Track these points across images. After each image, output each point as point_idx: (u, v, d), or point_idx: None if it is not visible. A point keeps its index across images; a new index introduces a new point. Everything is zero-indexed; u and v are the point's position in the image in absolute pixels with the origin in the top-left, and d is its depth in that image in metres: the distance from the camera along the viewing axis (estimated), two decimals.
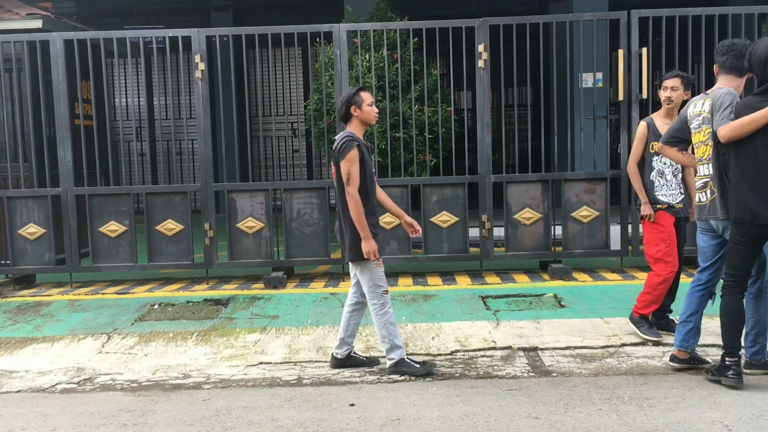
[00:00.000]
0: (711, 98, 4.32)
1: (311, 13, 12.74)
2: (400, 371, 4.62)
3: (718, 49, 4.44)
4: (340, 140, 4.56)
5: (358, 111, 4.59)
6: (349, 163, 4.47)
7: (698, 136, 4.41)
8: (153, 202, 7.11)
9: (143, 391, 4.58)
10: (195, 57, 6.96)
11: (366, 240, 4.51)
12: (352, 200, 4.49)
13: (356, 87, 4.71)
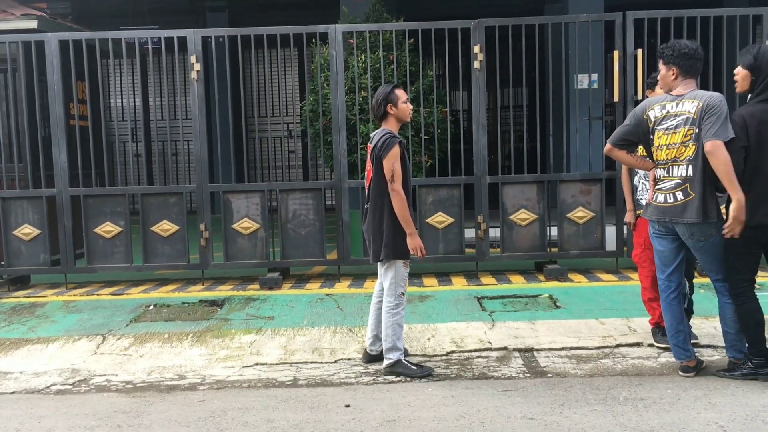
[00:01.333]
0: (700, 101, 4.25)
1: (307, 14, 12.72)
2: (396, 372, 4.62)
3: (684, 52, 4.34)
4: (381, 138, 4.57)
5: (395, 109, 4.64)
6: (392, 160, 4.50)
7: (673, 137, 4.30)
8: (148, 203, 7.10)
9: (138, 393, 4.57)
10: (190, 57, 6.95)
11: (412, 236, 4.57)
12: (398, 196, 4.52)
13: (391, 85, 4.74)
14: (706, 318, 5.53)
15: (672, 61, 4.37)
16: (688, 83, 4.37)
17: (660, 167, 4.43)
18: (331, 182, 7.16)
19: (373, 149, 4.61)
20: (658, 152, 4.41)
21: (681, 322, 4.48)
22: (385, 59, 7.43)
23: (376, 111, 4.69)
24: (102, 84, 7.27)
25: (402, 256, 4.62)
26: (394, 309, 4.62)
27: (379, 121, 4.72)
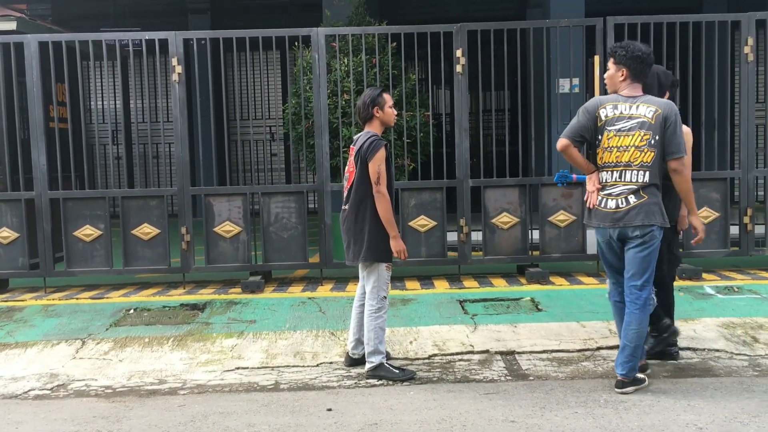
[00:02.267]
0: (659, 108, 4.22)
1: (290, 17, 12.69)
2: (378, 375, 4.62)
3: (638, 54, 4.29)
4: (367, 140, 4.58)
5: (381, 112, 4.67)
6: (379, 162, 4.53)
7: (626, 139, 4.25)
8: (129, 206, 7.04)
9: (118, 397, 4.53)
10: (172, 60, 6.91)
11: (395, 239, 4.60)
12: (383, 199, 4.54)
13: (379, 88, 4.77)
14: (685, 321, 5.58)
15: (624, 62, 4.32)
16: (636, 87, 4.34)
17: (607, 170, 4.31)
18: (314, 185, 7.15)
19: (358, 151, 4.61)
20: (606, 153, 4.30)
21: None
22: (367, 62, 7.44)
23: (362, 113, 4.70)
24: (82, 86, 7.20)
25: (385, 259, 4.63)
26: (377, 312, 4.63)
27: (364, 123, 4.74)
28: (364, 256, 4.60)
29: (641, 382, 4.33)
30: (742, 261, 7.41)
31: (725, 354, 4.96)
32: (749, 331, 5.36)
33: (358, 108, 4.74)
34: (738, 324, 5.49)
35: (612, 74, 4.39)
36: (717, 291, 6.34)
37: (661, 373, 4.64)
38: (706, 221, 7.01)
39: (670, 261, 4.99)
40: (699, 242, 4.35)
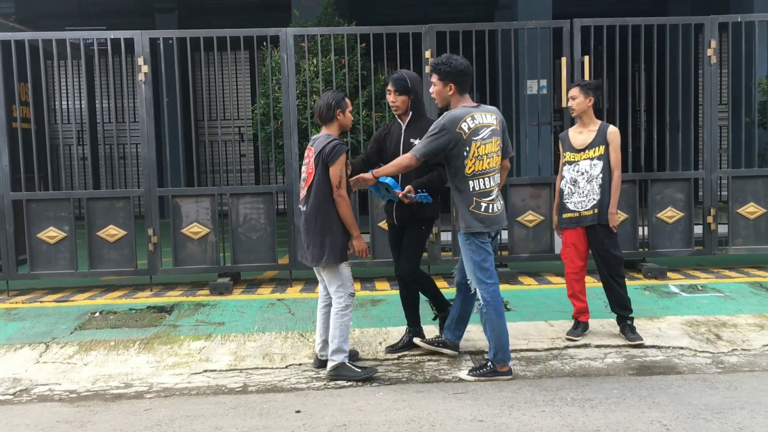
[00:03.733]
0: (496, 114, 4.58)
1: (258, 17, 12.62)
2: (340, 374, 4.61)
3: (462, 69, 4.50)
4: (329, 143, 4.57)
5: (342, 116, 4.69)
6: (341, 166, 4.55)
7: (489, 146, 4.48)
8: (94, 208, 6.94)
9: (83, 402, 4.45)
10: (138, 59, 6.83)
11: (358, 239, 4.67)
12: (344, 202, 4.58)
13: (342, 92, 4.79)
14: (650, 319, 5.67)
15: (450, 78, 4.51)
16: (466, 97, 4.58)
17: (482, 177, 4.50)
18: (283, 186, 7.11)
19: (319, 154, 4.59)
20: (478, 162, 4.46)
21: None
22: (336, 63, 7.42)
23: (324, 114, 4.69)
24: (46, 86, 7.08)
25: (343, 259, 4.66)
26: (345, 310, 4.64)
27: (323, 124, 4.72)
28: (327, 259, 4.60)
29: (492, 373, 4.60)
30: (705, 260, 7.54)
31: (689, 351, 5.04)
32: (712, 328, 5.45)
33: (320, 108, 4.72)
34: (702, 322, 5.58)
35: (440, 89, 4.57)
36: (681, 290, 6.44)
37: (626, 371, 4.70)
38: (670, 221, 7.13)
39: (609, 260, 5.11)
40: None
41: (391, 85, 4.87)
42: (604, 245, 5.17)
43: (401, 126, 4.94)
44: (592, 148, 5.18)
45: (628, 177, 7.10)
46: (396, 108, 4.89)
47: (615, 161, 5.19)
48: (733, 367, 4.73)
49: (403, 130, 4.91)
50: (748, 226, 7.20)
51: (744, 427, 3.73)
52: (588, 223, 5.19)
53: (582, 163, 5.20)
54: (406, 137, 4.88)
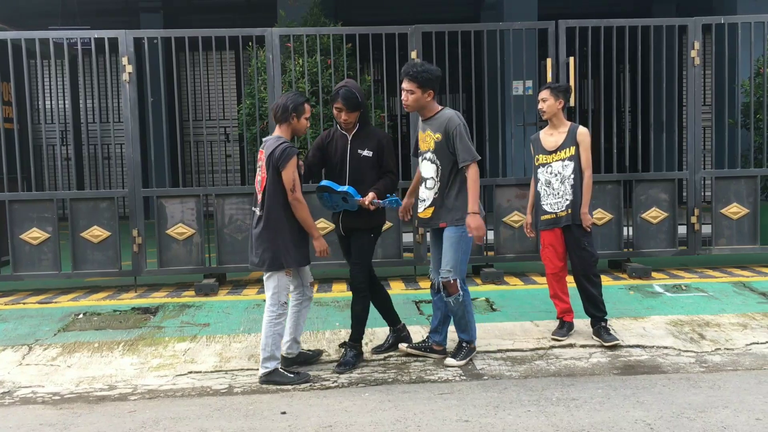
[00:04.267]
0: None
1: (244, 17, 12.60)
2: (273, 380, 4.59)
3: (439, 74, 4.73)
4: (279, 147, 4.53)
5: (296, 120, 4.64)
6: (292, 170, 4.52)
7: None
8: (78, 208, 6.88)
9: (66, 404, 4.41)
10: (122, 59, 6.78)
11: (318, 239, 4.66)
12: (299, 205, 4.56)
13: (304, 96, 4.73)
14: (635, 319, 5.70)
15: (430, 85, 4.68)
16: (434, 102, 4.80)
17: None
18: None
19: (269, 157, 4.55)
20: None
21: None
22: (322, 63, 7.41)
23: (279, 114, 4.63)
24: (29, 85, 7.02)
25: (290, 265, 4.61)
26: (277, 318, 4.61)
27: (277, 123, 4.67)
28: (269, 264, 4.58)
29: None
30: (689, 260, 7.60)
31: (673, 351, 5.08)
32: (696, 328, 5.49)
33: (277, 107, 4.66)
34: (686, 321, 5.62)
35: (419, 96, 4.71)
36: (666, 289, 6.48)
37: (611, 370, 4.72)
38: (655, 221, 7.18)
39: (585, 259, 5.15)
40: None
41: (342, 104, 4.72)
42: (581, 243, 5.20)
43: (347, 136, 4.87)
44: (563, 150, 5.22)
45: (613, 177, 7.15)
46: (347, 124, 4.80)
47: (585, 161, 5.22)
48: (717, 366, 4.77)
49: (350, 141, 4.86)
50: (732, 227, 7.26)
51: (727, 425, 3.75)
52: (563, 223, 5.22)
53: (554, 165, 5.24)
54: (353, 148, 4.84)
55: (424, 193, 4.85)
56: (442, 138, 4.70)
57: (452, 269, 4.71)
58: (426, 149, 4.81)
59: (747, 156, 8.06)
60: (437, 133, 4.73)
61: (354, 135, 4.86)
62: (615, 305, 6.04)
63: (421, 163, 4.89)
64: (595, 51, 7.05)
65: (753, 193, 7.25)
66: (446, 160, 4.72)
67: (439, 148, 4.73)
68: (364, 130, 4.87)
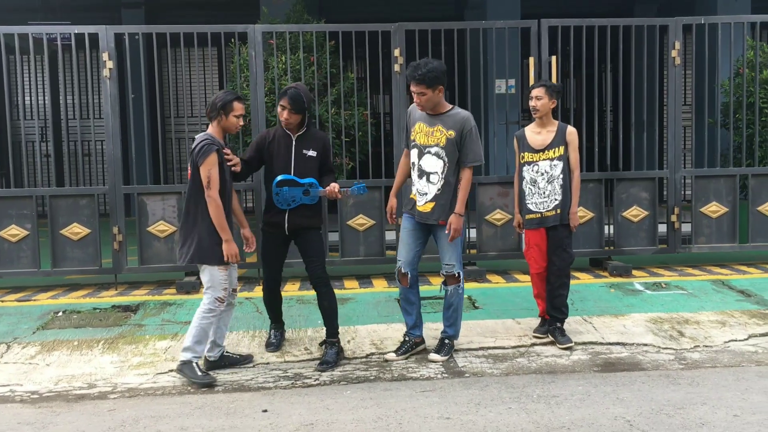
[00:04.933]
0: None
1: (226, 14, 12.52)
2: (183, 372, 4.59)
3: (444, 68, 4.74)
4: (199, 144, 4.52)
5: (224, 119, 4.62)
6: (209, 167, 4.48)
7: None
8: (57, 205, 6.81)
9: (44, 403, 4.37)
10: (103, 55, 6.72)
11: (228, 243, 4.56)
12: (213, 203, 4.50)
13: (235, 93, 4.72)
14: (615, 316, 5.74)
15: (439, 81, 4.72)
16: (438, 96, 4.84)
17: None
18: (251, 184, 7.05)
19: (191, 154, 4.57)
20: None
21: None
22: (305, 61, 7.39)
23: (209, 112, 4.67)
24: (8, 81, 6.93)
25: (217, 262, 4.58)
26: (207, 313, 4.59)
27: (209, 120, 4.68)
28: (191, 258, 4.57)
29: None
30: (669, 258, 7.67)
31: (653, 348, 5.12)
32: (676, 325, 5.54)
33: (208, 105, 4.70)
34: (665, 319, 5.67)
35: (431, 96, 4.77)
36: (646, 287, 6.54)
37: (591, 367, 4.75)
38: (635, 220, 7.23)
39: (564, 259, 5.18)
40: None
41: (287, 103, 4.78)
42: (562, 244, 5.18)
43: (291, 137, 4.93)
44: (551, 149, 5.15)
45: (595, 176, 7.19)
46: (288, 124, 4.87)
47: (575, 162, 5.19)
48: (696, 363, 4.81)
49: (294, 141, 4.92)
50: (711, 225, 7.33)
51: (705, 422, 3.79)
52: (551, 223, 5.18)
53: (541, 164, 5.17)
54: (297, 148, 4.91)
55: (426, 187, 4.84)
56: (456, 135, 4.76)
57: (456, 262, 4.89)
58: (434, 143, 4.80)
59: (726, 155, 8.15)
60: (451, 130, 4.77)
61: (299, 136, 4.94)
62: (596, 303, 6.09)
63: (422, 157, 4.85)
64: (577, 50, 7.08)
65: (732, 192, 7.33)
66: (453, 158, 4.78)
67: (450, 145, 4.77)
68: (308, 131, 4.98)
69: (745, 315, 5.73)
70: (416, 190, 4.90)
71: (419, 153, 4.85)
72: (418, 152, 4.87)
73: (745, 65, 7.63)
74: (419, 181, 4.87)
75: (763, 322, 5.56)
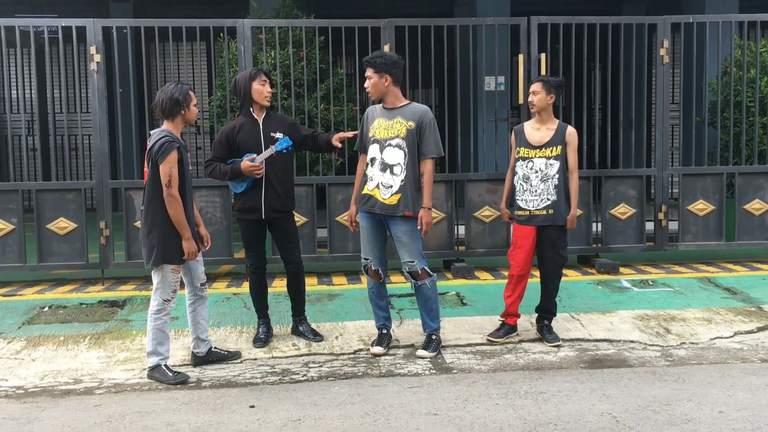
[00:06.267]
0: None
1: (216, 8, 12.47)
2: (154, 377, 4.56)
3: (395, 59, 4.87)
4: (159, 141, 4.43)
5: (187, 110, 4.58)
6: (170, 165, 4.41)
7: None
8: (44, 200, 6.77)
9: (30, 398, 4.34)
10: (90, 48, 6.67)
11: (188, 240, 4.53)
12: (174, 202, 4.43)
13: (186, 85, 4.64)
14: (602, 313, 5.77)
15: (385, 69, 4.84)
16: (398, 89, 4.94)
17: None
18: None
19: (149, 152, 4.48)
20: None
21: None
22: (295, 56, 7.36)
23: (167, 108, 4.53)
24: None
25: (171, 261, 4.54)
26: (157, 314, 4.56)
27: (166, 118, 4.56)
28: (147, 257, 4.54)
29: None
30: (656, 255, 7.71)
31: (639, 345, 5.15)
32: (662, 322, 5.57)
33: (162, 102, 4.53)
34: (652, 316, 5.70)
35: (376, 81, 4.86)
36: (633, 284, 6.57)
37: (578, 364, 4.77)
38: (623, 217, 7.27)
39: (557, 261, 5.17)
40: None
41: (267, 77, 5.10)
42: (555, 246, 5.11)
43: (257, 121, 5.08)
44: (549, 147, 5.06)
45: (583, 174, 7.20)
46: (269, 100, 5.11)
47: (573, 163, 5.09)
48: (682, 360, 4.84)
49: (261, 125, 5.08)
50: (698, 223, 7.38)
51: (691, 418, 3.82)
52: (539, 222, 5.08)
53: (536, 161, 5.07)
54: (265, 131, 5.08)
55: (391, 179, 4.85)
56: (415, 126, 4.82)
57: (417, 259, 4.90)
58: (394, 135, 4.84)
59: (713, 154, 8.20)
60: (410, 121, 4.83)
61: (264, 119, 5.11)
62: (583, 300, 6.11)
63: (383, 150, 4.87)
64: (566, 48, 7.10)
65: (719, 191, 7.38)
66: (413, 149, 4.84)
67: (411, 136, 4.82)
68: (270, 115, 5.17)
69: (731, 312, 5.77)
70: (379, 184, 4.88)
71: (380, 147, 4.89)
72: (379, 147, 4.90)
73: (732, 64, 7.67)
74: (383, 174, 4.87)
75: (748, 320, 5.61)
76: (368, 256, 5.04)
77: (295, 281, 5.27)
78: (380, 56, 4.86)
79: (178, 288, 4.66)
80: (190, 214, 4.63)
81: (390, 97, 4.90)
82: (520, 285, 5.24)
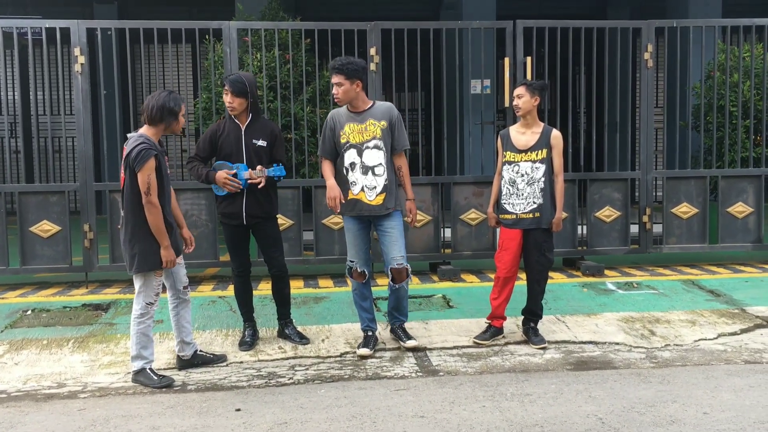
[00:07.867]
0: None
1: (201, 10, 12.43)
2: (139, 381, 4.54)
3: (364, 65, 4.93)
4: (136, 147, 4.38)
5: (175, 122, 4.53)
6: (148, 172, 4.36)
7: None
8: (27, 202, 6.70)
9: (12, 402, 4.29)
10: (74, 50, 6.63)
11: (166, 249, 4.49)
12: (153, 209, 4.40)
13: (177, 94, 4.59)
14: (588, 315, 5.79)
15: (357, 76, 4.87)
16: (364, 93, 5.03)
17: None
18: None
19: (126, 158, 4.43)
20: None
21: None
22: (281, 58, 7.35)
23: (159, 116, 4.46)
24: None
25: (153, 267, 4.51)
26: (140, 318, 4.53)
27: (151, 124, 4.49)
28: (129, 264, 4.52)
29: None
30: (641, 258, 7.76)
31: (624, 347, 5.17)
32: (647, 324, 5.61)
33: (150, 108, 4.47)
34: (637, 318, 5.74)
35: (348, 88, 4.87)
36: (618, 287, 6.61)
37: (564, 366, 4.79)
38: (608, 220, 7.31)
39: (543, 264, 5.18)
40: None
41: (228, 87, 4.94)
42: (542, 248, 5.12)
43: (240, 126, 5.04)
44: (534, 151, 5.08)
45: (569, 177, 7.22)
46: (232, 109, 4.97)
47: (559, 166, 5.11)
48: (666, 361, 4.87)
49: (243, 131, 5.03)
50: (682, 226, 7.43)
51: (676, 419, 3.84)
52: (526, 226, 5.10)
53: (522, 165, 5.10)
54: (247, 138, 5.03)
55: (374, 180, 4.92)
56: (388, 125, 4.93)
57: (404, 255, 5.00)
58: (370, 138, 4.91)
59: (697, 157, 8.27)
60: (382, 120, 4.93)
61: (247, 125, 5.05)
62: (569, 302, 6.14)
63: (362, 154, 4.92)
64: (551, 52, 7.14)
65: (702, 194, 7.44)
66: (388, 147, 4.95)
67: (386, 135, 4.93)
68: (256, 121, 5.09)
69: (715, 314, 5.82)
70: (363, 187, 4.93)
71: (358, 151, 4.93)
72: (356, 151, 4.93)
73: (716, 68, 7.75)
74: (365, 177, 4.92)
75: (731, 322, 5.65)
76: (354, 259, 5.06)
77: (279, 285, 5.27)
78: (350, 62, 4.85)
79: (161, 291, 4.63)
80: (169, 218, 4.60)
81: (358, 102, 4.95)
82: (507, 287, 5.24)
